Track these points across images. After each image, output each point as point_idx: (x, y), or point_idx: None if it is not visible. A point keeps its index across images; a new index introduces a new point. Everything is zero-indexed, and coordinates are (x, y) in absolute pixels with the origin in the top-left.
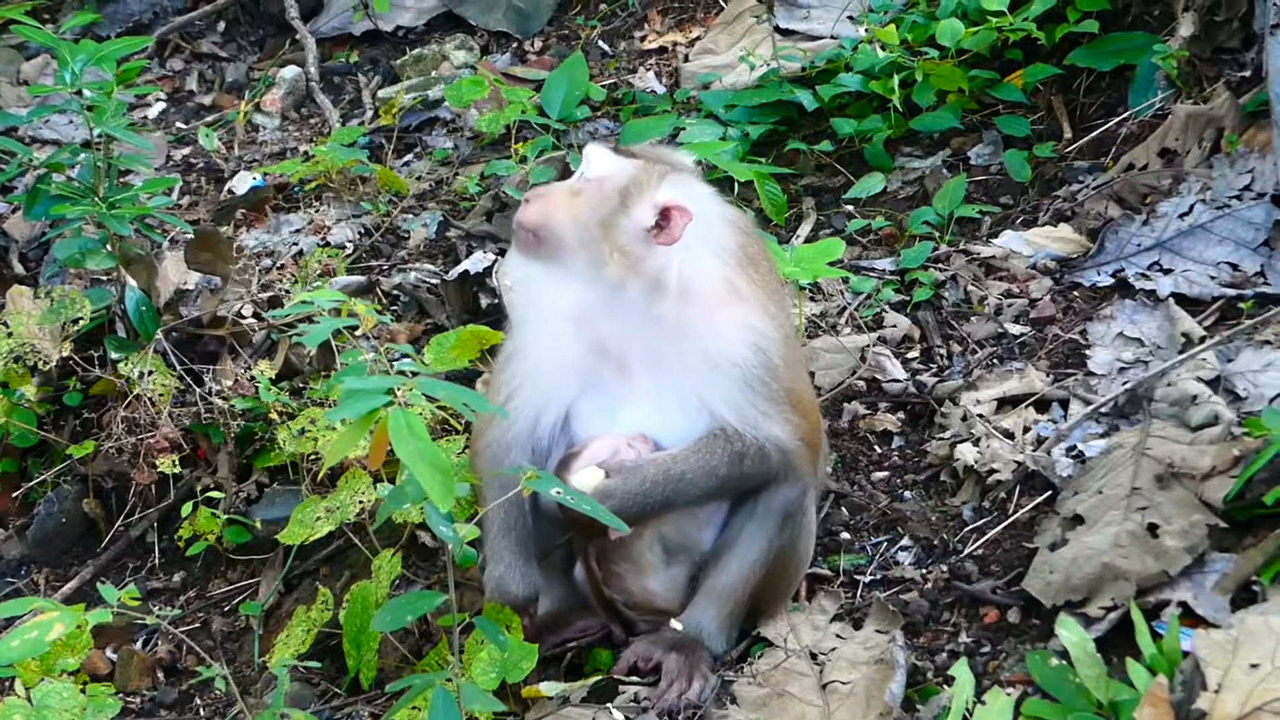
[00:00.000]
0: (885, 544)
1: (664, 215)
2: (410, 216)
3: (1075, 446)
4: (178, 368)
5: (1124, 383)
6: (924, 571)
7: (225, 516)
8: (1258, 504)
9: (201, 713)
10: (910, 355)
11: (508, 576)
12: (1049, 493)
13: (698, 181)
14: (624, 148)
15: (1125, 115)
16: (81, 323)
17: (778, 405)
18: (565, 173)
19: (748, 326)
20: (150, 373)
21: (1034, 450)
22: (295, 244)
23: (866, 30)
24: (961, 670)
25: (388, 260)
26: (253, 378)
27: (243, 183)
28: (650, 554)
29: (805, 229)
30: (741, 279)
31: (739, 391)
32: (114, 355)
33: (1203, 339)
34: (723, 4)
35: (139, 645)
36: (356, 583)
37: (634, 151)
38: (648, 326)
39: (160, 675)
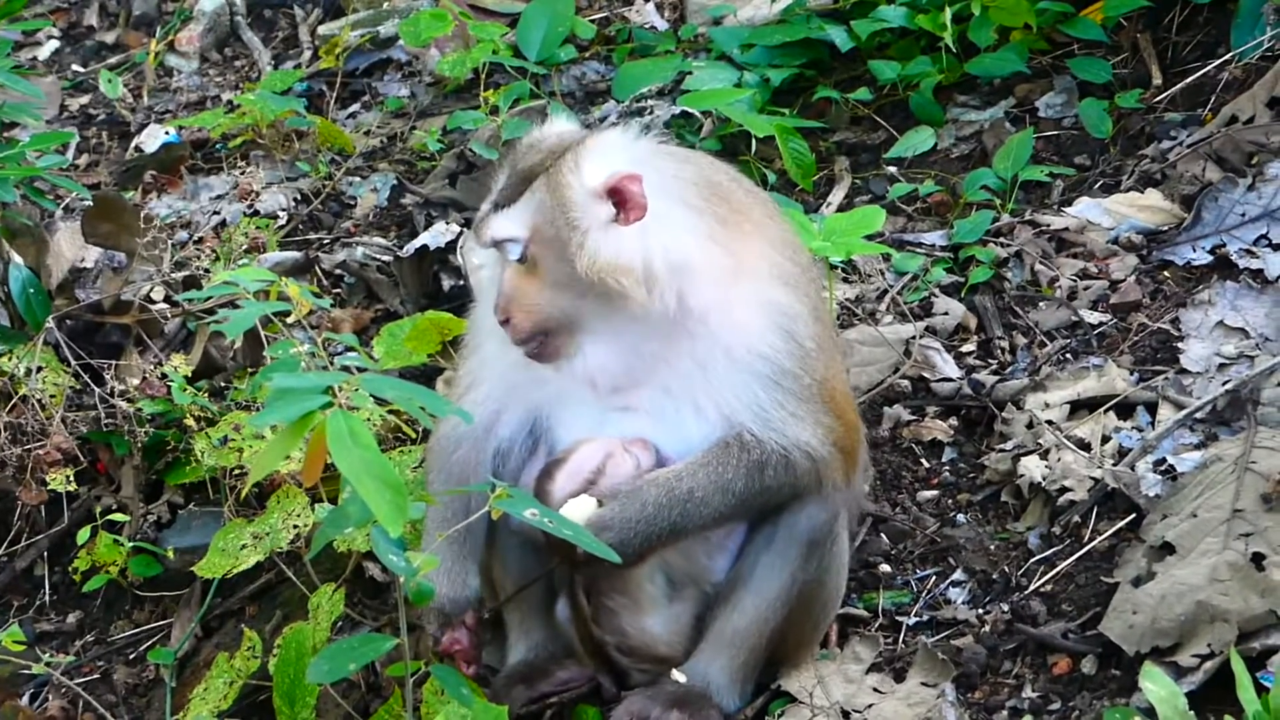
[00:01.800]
0: (934, 578)
1: (615, 194)
2: (357, 180)
3: (1165, 460)
4: (73, 363)
5: (1224, 382)
6: (980, 612)
7: (130, 544)
8: None
9: None
10: (965, 349)
11: (435, 575)
12: (1132, 516)
13: (608, 132)
14: (503, 186)
15: (1227, 57)
16: None
17: (809, 404)
18: None
19: (769, 305)
20: (39, 369)
21: (1114, 464)
22: (216, 213)
23: None
24: None
25: (329, 233)
26: (164, 375)
27: (153, 138)
28: (651, 586)
29: (838, 195)
30: (727, 232)
31: (764, 390)
32: None
33: None
34: None
35: (25, 700)
36: (290, 624)
37: (519, 170)
38: (649, 334)
39: None
